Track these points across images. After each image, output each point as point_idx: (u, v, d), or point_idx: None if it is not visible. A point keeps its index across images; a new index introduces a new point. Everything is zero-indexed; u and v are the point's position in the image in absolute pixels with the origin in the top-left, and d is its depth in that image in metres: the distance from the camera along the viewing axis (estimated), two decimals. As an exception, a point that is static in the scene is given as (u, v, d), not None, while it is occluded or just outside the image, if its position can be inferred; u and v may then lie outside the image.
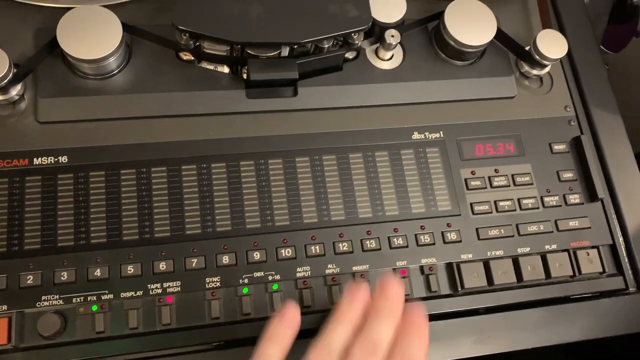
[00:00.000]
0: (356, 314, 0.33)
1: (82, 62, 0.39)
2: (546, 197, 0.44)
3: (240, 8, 0.40)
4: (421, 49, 0.47)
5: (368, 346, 0.31)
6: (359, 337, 0.32)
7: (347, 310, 0.33)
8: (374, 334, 0.32)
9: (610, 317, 0.43)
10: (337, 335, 0.32)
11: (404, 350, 0.32)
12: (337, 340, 0.32)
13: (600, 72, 0.49)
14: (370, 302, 0.34)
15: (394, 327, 0.33)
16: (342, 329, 0.32)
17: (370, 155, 0.43)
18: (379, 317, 0.32)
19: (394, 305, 0.33)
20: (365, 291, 0.34)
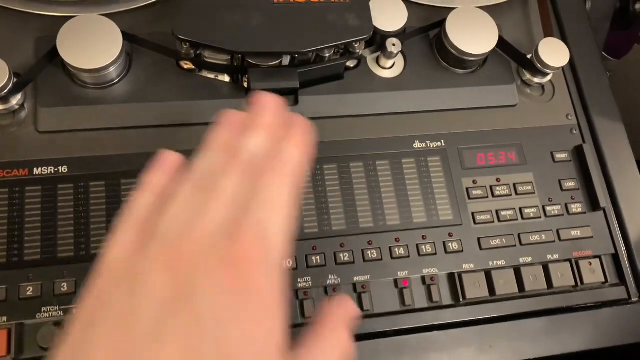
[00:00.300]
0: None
1: (82, 71, 0.39)
2: (548, 207, 0.44)
3: (241, 17, 0.40)
4: (422, 57, 0.46)
5: (235, 155, 0.26)
6: (226, 148, 0.27)
7: (219, 133, 0.28)
8: (242, 142, 0.27)
9: (613, 327, 0.43)
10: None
11: (278, 155, 0.27)
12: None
13: (602, 80, 0.49)
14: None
15: (267, 137, 0.27)
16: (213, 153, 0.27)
17: (371, 164, 0.43)
18: (251, 129, 0.28)
19: (266, 117, 0.28)
20: (236, 113, 0.29)
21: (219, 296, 0.22)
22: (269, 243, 0.24)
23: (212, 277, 0.22)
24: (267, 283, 0.23)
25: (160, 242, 0.24)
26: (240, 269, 0.22)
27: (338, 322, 0.27)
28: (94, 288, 0.24)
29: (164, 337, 0.21)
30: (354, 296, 0.40)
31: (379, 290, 0.40)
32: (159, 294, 0.22)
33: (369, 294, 0.40)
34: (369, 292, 0.40)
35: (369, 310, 0.40)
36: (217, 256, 0.22)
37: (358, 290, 0.40)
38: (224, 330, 0.21)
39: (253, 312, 0.22)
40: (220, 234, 0.23)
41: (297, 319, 0.39)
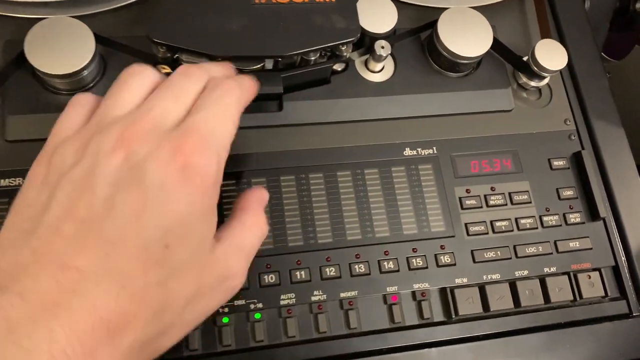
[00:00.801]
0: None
1: (53, 76, 0.37)
2: (545, 217, 0.42)
3: (220, 19, 0.38)
4: (413, 60, 0.44)
5: (191, 69, 0.31)
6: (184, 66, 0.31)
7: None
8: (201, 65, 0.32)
9: (614, 343, 0.41)
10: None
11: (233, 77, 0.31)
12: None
13: (602, 84, 0.47)
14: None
15: (224, 69, 0.33)
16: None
17: (359, 172, 0.41)
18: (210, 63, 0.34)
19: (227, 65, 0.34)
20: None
21: (166, 177, 0.26)
22: (214, 139, 0.28)
23: (161, 159, 0.26)
24: (207, 171, 0.27)
25: (112, 121, 0.27)
26: (187, 157, 0.26)
27: (256, 207, 0.32)
28: (46, 154, 0.28)
29: (116, 210, 0.25)
30: (340, 313, 0.38)
31: (367, 306, 0.38)
32: (110, 165, 0.26)
33: (357, 311, 0.38)
34: (357, 309, 0.38)
35: (356, 328, 0.38)
36: (168, 140, 0.26)
37: (345, 307, 0.38)
38: (168, 201, 0.25)
39: (193, 191, 0.26)
40: (171, 122, 0.28)
41: (281, 337, 0.37)
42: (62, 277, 0.23)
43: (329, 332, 0.37)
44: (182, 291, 0.26)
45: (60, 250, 0.24)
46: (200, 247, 0.27)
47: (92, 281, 0.24)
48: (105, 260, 0.24)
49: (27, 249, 0.25)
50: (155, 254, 0.25)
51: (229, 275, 0.29)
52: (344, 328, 0.37)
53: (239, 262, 0.29)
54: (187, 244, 0.26)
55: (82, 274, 0.24)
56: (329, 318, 0.37)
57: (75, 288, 0.23)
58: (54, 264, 0.24)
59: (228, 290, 0.29)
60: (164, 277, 0.25)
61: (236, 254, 0.29)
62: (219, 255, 0.28)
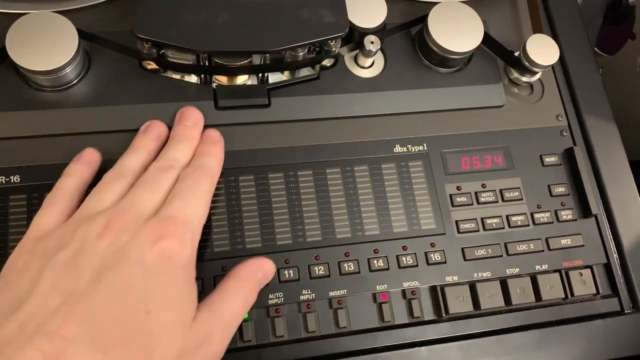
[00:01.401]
0: (150, 144, 0.36)
1: (35, 73, 0.36)
2: (536, 214, 0.42)
3: (206, 14, 0.37)
4: (403, 55, 0.44)
5: (164, 162, 0.34)
6: (158, 158, 0.35)
7: (141, 141, 0.36)
8: (170, 154, 0.35)
9: (605, 340, 0.40)
10: (131, 159, 0.35)
11: (198, 163, 0.35)
12: (130, 164, 0.34)
13: (594, 79, 0.47)
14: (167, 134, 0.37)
15: (191, 149, 0.36)
16: (136, 155, 0.35)
17: (349, 170, 0.40)
18: (176, 141, 0.36)
19: (190, 131, 0.37)
20: (159, 125, 0.37)
21: (148, 259, 0.28)
22: (189, 225, 0.31)
23: (143, 244, 0.29)
24: (182, 253, 0.29)
25: (97, 214, 0.30)
26: (166, 242, 0.29)
27: (244, 276, 0.33)
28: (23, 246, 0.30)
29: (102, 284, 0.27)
30: (329, 312, 0.37)
31: (357, 305, 0.38)
32: (97, 249, 0.28)
33: (346, 310, 0.37)
34: (346, 308, 0.37)
35: (346, 327, 0.37)
36: (149, 228, 0.29)
37: (334, 306, 0.37)
38: (150, 283, 0.28)
39: (171, 269, 0.29)
40: (150, 213, 0.31)
41: (269, 337, 0.36)
42: (47, 346, 0.24)
43: (318, 332, 0.37)
44: (164, 356, 0.27)
45: (47, 321, 0.25)
46: (180, 313, 0.29)
47: (77, 349, 0.25)
48: (90, 328, 0.26)
49: (12, 323, 0.26)
50: (138, 321, 0.27)
51: (205, 341, 0.30)
52: (333, 327, 0.37)
53: (216, 329, 0.30)
54: (168, 310, 0.28)
55: (67, 343, 0.25)
56: (318, 317, 0.37)
57: (59, 356, 0.24)
58: (39, 334, 0.25)
59: (207, 356, 0.30)
60: (146, 343, 0.27)
61: (213, 321, 0.30)
62: (198, 321, 0.30)
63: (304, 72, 0.42)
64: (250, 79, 0.41)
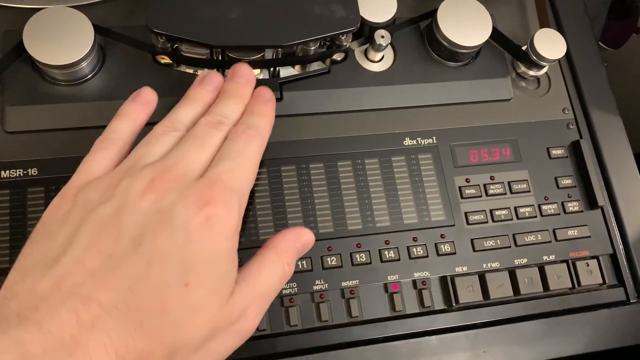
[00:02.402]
0: (206, 96, 0.34)
1: (51, 67, 0.37)
2: (544, 205, 0.42)
3: (219, 8, 0.38)
4: (413, 49, 0.44)
5: (213, 118, 0.32)
6: (206, 113, 0.33)
7: (196, 92, 0.34)
8: (220, 109, 0.33)
9: (611, 329, 0.41)
10: (184, 111, 0.33)
11: (247, 122, 0.33)
12: (183, 116, 0.33)
13: (600, 73, 0.47)
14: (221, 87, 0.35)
15: (241, 106, 0.34)
16: (190, 108, 0.33)
17: (359, 162, 0.41)
18: (227, 97, 0.34)
19: (242, 88, 0.35)
20: (216, 76, 0.35)
21: (192, 225, 0.26)
22: (236, 190, 0.29)
23: (188, 208, 0.27)
24: (229, 220, 0.28)
25: (143, 167, 0.29)
26: (212, 208, 0.27)
27: (283, 247, 0.31)
28: (67, 192, 0.29)
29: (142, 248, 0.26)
30: (342, 302, 0.38)
31: (368, 295, 0.38)
32: (140, 207, 0.27)
33: (358, 300, 0.38)
34: (358, 298, 0.38)
35: (358, 317, 0.38)
36: (195, 190, 0.28)
37: (346, 296, 0.38)
38: (192, 252, 0.26)
39: (215, 237, 0.27)
40: (197, 173, 0.29)
41: (283, 326, 0.37)
42: (83, 310, 0.24)
43: (330, 321, 0.37)
44: (198, 331, 0.26)
45: (83, 283, 0.25)
46: (219, 287, 0.27)
47: (111, 316, 0.24)
48: (127, 296, 0.25)
49: (48, 277, 0.25)
50: (175, 293, 0.25)
51: (241, 317, 0.28)
52: (346, 317, 0.38)
53: (252, 303, 0.29)
54: (207, 283, 0.27)
55: (103, 308, 0.24)
56: (331, 307, 0.38)
57: (95, 322, 0.23)
58: (75, 295, 0.24)
59: (240, 333, 0.29)
60: (181, 317, 0.26)
61: (250, 295, 0.29)
62: (235, 296, 0.28)
63: (315, 66, 0.43)
64: (262, 73, 0.42)
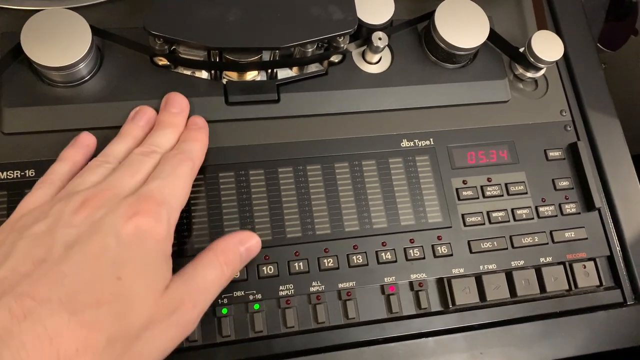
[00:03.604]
0: (138, 131, 0.36)
1: (49, 69, 0.37)
2: (541, 207, 0.42)
3: (217, 10, 0.38)
4: (410, 51, 0.44)
5: (146, 148, 0.34)
6: (141, 144, 0.35)
7: (128, 128, 0.37)
8: (153, 140, 0.35)
9: (608, 331, 0.41)
10: (117, 146, 0.35)
11: (180, 147, 0.35)
12: (116, 150, 0.35)
13: (598, 75, 0.47)
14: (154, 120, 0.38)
15: (175, 135, 0.36)
16: (122, 142, 0.36)
17: (356, 164, 0.41)
18: (160, 128, 0.36)
19: (175, 118, 0.37)
20: (148, 111, 0.37)
21: (123, 232, 0.29)
22: (166, 203, 0.31)
23: (119, 219, 0.29)
24: (157, 231, 0.30)
25: (76, 193, 0.31)
26: (142, 218, 0.29)
27: (221, 248, 0.33)
28: (4, 224, 0.31)
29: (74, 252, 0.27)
30: (338, 303, 0.38)
31: (365, 296, 0.39)
32: (72, 221, 0.29)
33: (355, 301, 0.38)
34: (355, 299, 0.38)
35: (355, 318, 0.38)
36: (125, 204, 0.30)
37: (343, 298, 0.38)
38: (123, 252, 0.28)
39: (145, 244, 0.29)
40: (128, 193, 0.31)
41: (280, 328, 0.37)
42: (15, 305, 0.24)
43: (327, 322, 0.37)
44: (134, 321, 0.28)
45: (18, 283, 0.26)
46: (152, 281, 0.29)
47: (45, 308, 0.25)
48: (60, 289, 0.26)
49: None
50: (109, 286, 0.27)
51: (177, 308, 0.30)
52: (342, 318, 0.38)
53: (188, 297, 0.30)
54: (140, 277, 0.28)
55: (35, 301, 0.25)
56: (328, 308, 0.38)
57: (27, 315, 0.24)
58: (9, 294, 0.25)
59: (179, 324, 0.30)
60: (116, 307, 0.27)
61: (185, 289, 0.31)
62: (170, 289, 0.30)
63: (312, 68, 0.43)
64: (259, 74, 0.42)
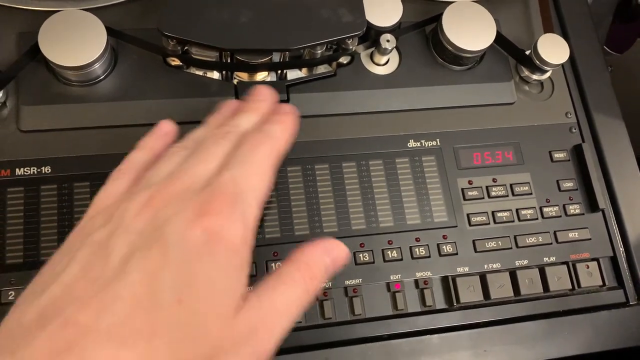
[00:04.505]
0: (223, 121, 0.32)
1: (65, 68, 0.38)
2: (545, 208, 0.43)
3: (228, 12, 0.38)
4: (418, 53, 0.45)
5: (222, 129, 0.30)
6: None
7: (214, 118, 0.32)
8: (231, 121, 0.31)
9: (610, 331, 0.42)
10: (199, 132, 0.31)
11: (260, 127, 0.30)
12: (197, 136, 0.31)
13: (603, 78, 0.48)
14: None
15: (255, 117, 0.32)
16: (204, 129, 0.32)
17: (364, 164, 0.42)
18: (242, 112, 0.32)
19: (259, 103, 0.33)
20: (234, 103, 0.34)
21: (188, 238, 0.24)
22: (241, 199, 0.26)
23: (185, 221, 0.24)
24: (231, 234, 0.25)
25: (144, 188, 0.27)
26: (211, 219, 0.24)
27: (306, 261, 0.27)
28: (79, 224, 0.28)
29: (131, 267, 0.23)
30: (345, 300, 0.39)
31: (371, 294, 0.39)
32: (133, 226, 0.25)
33: (361, 298, 0.39)
34: (361, 296, 0.39)
35: (361, 315, 0.39)
36: (193, 203, 0.25)
37: (349, 294, 0.39)
38: (187, 267, 0.23)
39: (215, 253, 0.24)
40: (200, 185, 0.26)
41: (287, 323, 0.38)
42: (59, 335, 0.22)
43: (334, 318, 0.38)
44: (197, 352, 0.23)
45: (66, 307, 0.23)
46: (220, 304, 0.24)
47: (90, 337, 0.22)
48: (110, 316, 0.22)
49: (33, 307, 0.23)
50: (167, 311, 0.23)
51: (250, 338, 0.24)
52: (349, 314, 0.39)
53: (264, 323, 0.25)
54: (205, 298, 0.24)
55: (81, 330, 0.22)
56: (334, 304, 0.39)
57: (71, 345, 0.21)
58: (55, 321, 0.22)
59: (253, 356, 0.24)
60: (175, 337, 0.23)
61: (262, 314, 0.25)
62: (243, 314, 0.24)
63: (321, 69, 0.43)
64: (269, 75, 0.43)
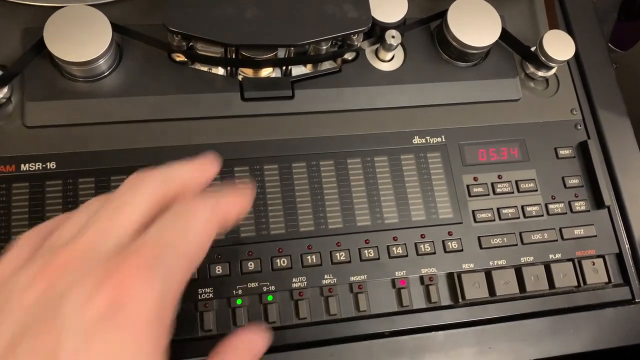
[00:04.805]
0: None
1: (70, 64, 0.38)
2: (551, 204, 0.43)
3: (234, 8, 0.38)
4: (423, 49, 0.45)
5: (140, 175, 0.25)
6: None
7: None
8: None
9: (616, 328, 0.42)
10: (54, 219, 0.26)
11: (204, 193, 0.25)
12: (48, 225, 0.25)
13: (608, 74, 0.48)
14: None
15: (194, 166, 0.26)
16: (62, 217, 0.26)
17: (369, 160, 0.42)
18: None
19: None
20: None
21: (85, 315, 0.19)
22: (160, 264, 0.21)
23: (84, 294, 0.20)
24: (142, 307, 0.20)
25: (42, 254, 0.22)
26: (115, 288, 0.20)
27: (230, 356, 0.25)
28: None
29: (21, 352, 0.19)
30: (350, 296, 0.39)
31: (376, 290, 0.39)
32: (23, 303, 0.20)
33: (366, 294, 0.39)
34: (366, 292, 0.39)
35: (366, 311, 0.39)
36: (98, 268, 0.20)
37: (354, 290, 0.39)
38: (82, 348, 0.19)
39: (118, 333, 0.20)
40: (113, 248, 0.21)
41: (292, 319, 0.38)
42: None
43: (339, 315, 0.38)
44: None
45: None
46: None
47: None
48: None
49: None
50: None
51: None
52: (354, 311, 0.39)
53: None
54: None
55: None
56: (339, 301, 0.38)
57: None
58: None
59: None
60: None
61: None
62: None
63: (326, 65, 0.43)
64: (274, 71, 0.43)
